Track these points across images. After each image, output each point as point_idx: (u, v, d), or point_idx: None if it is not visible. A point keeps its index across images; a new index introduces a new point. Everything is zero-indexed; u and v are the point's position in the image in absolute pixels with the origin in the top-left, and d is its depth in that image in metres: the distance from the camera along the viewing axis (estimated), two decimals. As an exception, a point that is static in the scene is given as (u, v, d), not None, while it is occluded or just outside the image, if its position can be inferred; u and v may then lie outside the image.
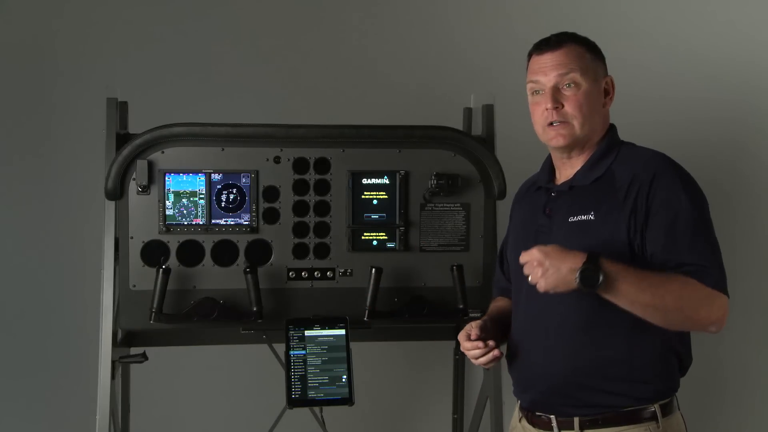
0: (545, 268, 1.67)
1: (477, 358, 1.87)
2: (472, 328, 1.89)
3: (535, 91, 1.88)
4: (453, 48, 3.25)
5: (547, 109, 1.84)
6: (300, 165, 2.47)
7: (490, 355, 1.86)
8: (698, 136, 3.19)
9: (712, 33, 3.27)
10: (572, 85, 1.83)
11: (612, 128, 1.92)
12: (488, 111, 2.60)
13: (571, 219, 1.83)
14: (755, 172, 3.30)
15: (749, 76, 3.26)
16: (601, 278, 1.64)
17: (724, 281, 1.73)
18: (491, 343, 1.86)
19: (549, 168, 1.98)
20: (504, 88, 2.59)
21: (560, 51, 1.85)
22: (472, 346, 1.86)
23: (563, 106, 1.83)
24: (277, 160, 2.46)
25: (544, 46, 1.88)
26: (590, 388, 1.80)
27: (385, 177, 2.49)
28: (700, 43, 3.27)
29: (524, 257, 1.72)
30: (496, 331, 1.94)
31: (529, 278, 1.71)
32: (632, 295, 1.67)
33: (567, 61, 1.84)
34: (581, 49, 1.86)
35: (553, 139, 1.86)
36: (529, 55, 1.92)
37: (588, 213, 1.81)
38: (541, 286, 1.69)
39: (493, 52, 3.19)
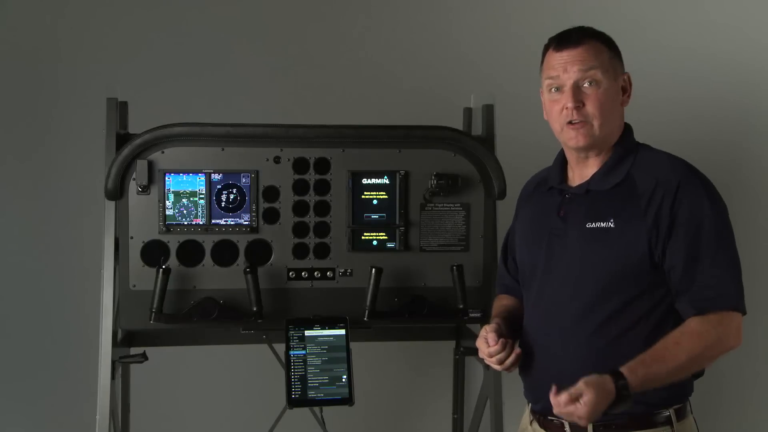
0: (587, 414, 1.63)
1: (501, 362, 1.84)
2: (488, 332, 1.85)
3: (554, 87, 1.82)
4: (453, 48, 3.25)
5: (567, 108, 1.79)
6: (300, 165, 2.46)
7: (513, 357, 1.83)
8: (698, 136, 3.19)
9: (712, 32, 3.27)
10: (593, 83, 1.78)
11: (628, 129, 1.88)
12: (488, 111, 2.60)
13: (588, 225, 1.79)
14: (755, 172, 3.30)
15: (749, 75, 3.26)
16: (630, 404, 1.64)
17: (741, 299, 1.73)
18: (510, 342, 1.84)
19: (561, 167, 1.92)
20: (504, 88, 2.60)
21: (581, 48, 1.79)
22: (496, 351, 1.82)
23: (584, 105, 1.78)
24: (277, 160, 2.45)
25: (564, 41, 1.82)
26: None
27: (385, 177, 2.49)
28: (699, 42, 3.27)
29: (561, 411, 1.65)
30: (508, 333, 1.90)
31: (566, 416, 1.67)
32: (663, 380, 1.69)
33: (588, 57, 1.78)
34: (602, 46, 1.82)
35: (572, 139, 1.80)
36: (546, 49, 1.86)
37: (607, 220, 1.77)
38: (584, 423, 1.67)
39: (493, 52, 3.19)
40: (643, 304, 1.76)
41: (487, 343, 1.84)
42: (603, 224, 1.77)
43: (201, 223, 2.43)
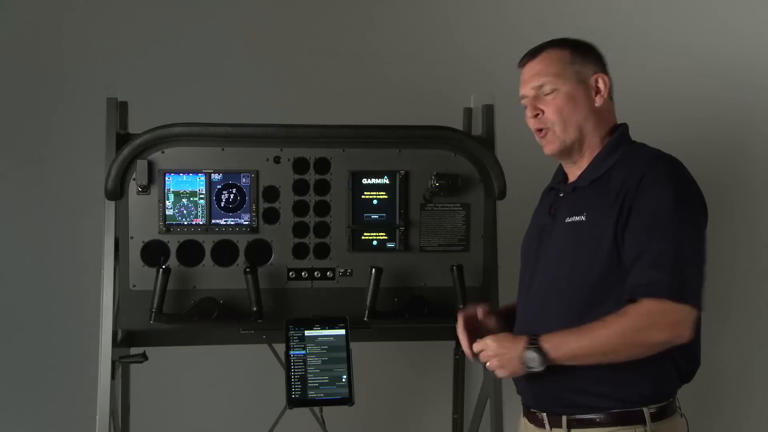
0: (501, 358, 1.80)
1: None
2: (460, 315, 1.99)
3: (524, 102, 1.94)
4: (453, 48, 3.25)
5: (529, 118, 1.90)
6: (300, 165, 2.47)
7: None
8: (698, 135, 3.19)
9: (712, 31, 3.28)
10: (551, 90, 1.86)
11: (620, 128, 1.91)
12: (488, 111, 2.60)
13: (567, 219, 1.85)
14: (755, 172, 3.30)
15: (749, 75, 3.27)
16: (539, 360, 1.76)
17: (687, 291, 1.70)
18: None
19: (563, 168, 2.00)
20: (504, 88, 2.59)
21: (537, 60, 1.90)
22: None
23: (543, 112, 1.87)
24: (277, 160, 2.46)
25: (524, 57, 1.93)
26: (578, 390, 1.81)
27: (385, 177, 2.49)
28: (699, 41, 3.27)
29: (477, 346, 1.86)
30: (502, 323, 2.01)
31: (487, 365, 1.84)
32: (579, 354, 1.75)
33: (542, 68, 1.88)
34: (561, 53, 1.88)
35: (544, 148, 1.92)
36: (519, 68, 1.96)
37: (581, 214, 1.82)
38: (501, 374, 1.83)
39: (493, 52, 3.19)
40: (621, 295, 1.76)
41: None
42: (577, 218, 1.83)
43: (201, 223, 2.43)
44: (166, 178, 2.40)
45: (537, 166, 2.07)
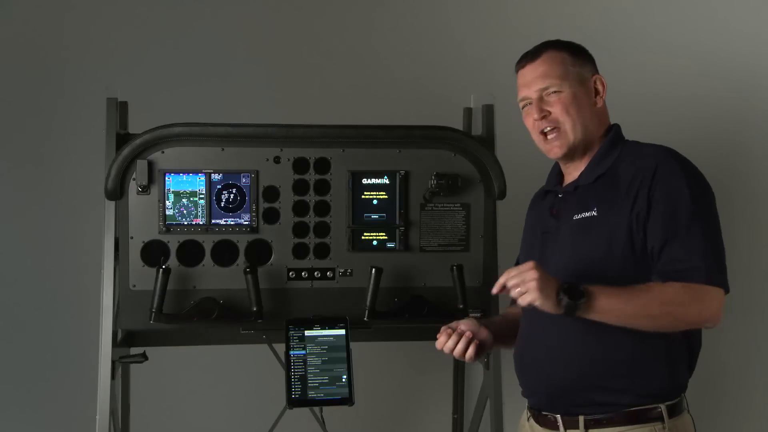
0: (540, 282, 1.66)
1: (454, 349, 1.87)
2: (443, 329, 1.91)
3: (525, 104, 1.93)
4: (453, 48, 3.25)
5: (536, 120, 1.88)
6: (300, 165, 2.47)
7: (471, 348, 1.86)
8: (698, 135, 3.19)
9: (712, 31, 3.28)
10: (555, 92, 1.87)
11: (614, 127, 1.93)
12: (488, 111, 2.60)
13: (576, 217, 1.85)
14: (756, 172, 3.30)
15: (749, 75, 3.27)
16: (583, 292, 1.66)
17: (720, 274, 1.73)
18: (459, 330, 1.89)
19: (557, 172, 2.01)
20: (504, 88, 2.59)
21: (539, 61, 1.89)
22: (443, 342, 1.88)
23: (550, 113, 1.87)
24: (277, 160, 2.46)
25: (524, 59, 1.93)
26: (595, 387, 1.80)
27: (385, 177, 2.49)
28: (699, 41, 3.27)
29: (512, 271, 1.71)
30: (495, 331, 1.95)
31: (516, 291, 1.69)
32: (616, 308, 1.69)
33: (546, 70, 1.88)
34: (561, 55, 1.89)
35: (551, 151, 1.90)
36: (516, 71, 1.96)
37: (591, 210, 1.82)
38: (531, 297, 1.67)
39: (493, 52, 3.19)
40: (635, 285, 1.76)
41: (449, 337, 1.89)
42: (587, 214, 1.83)
43: (201, 223, 2.43)
44: (166, 178, 2.40)
45: (537, 166, 2.08)
